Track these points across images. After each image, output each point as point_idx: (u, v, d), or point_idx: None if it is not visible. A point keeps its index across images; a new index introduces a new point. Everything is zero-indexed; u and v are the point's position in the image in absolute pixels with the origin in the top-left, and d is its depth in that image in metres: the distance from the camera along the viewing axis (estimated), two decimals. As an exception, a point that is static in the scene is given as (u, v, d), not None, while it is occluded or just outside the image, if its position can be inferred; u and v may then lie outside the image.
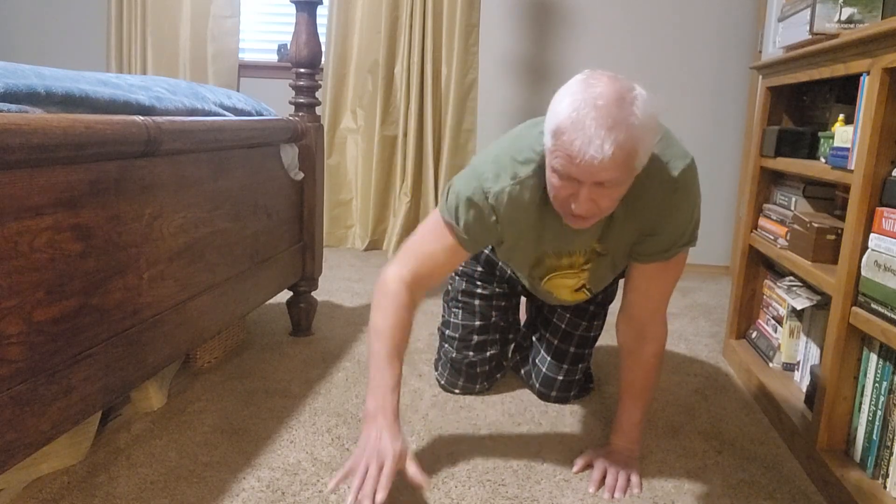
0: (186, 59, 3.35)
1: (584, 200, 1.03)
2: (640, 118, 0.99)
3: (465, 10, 3.06)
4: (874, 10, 1.40)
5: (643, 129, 0.99)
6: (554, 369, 1.59)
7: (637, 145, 0.99)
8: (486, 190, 1.17)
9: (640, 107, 0.99)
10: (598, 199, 1.04)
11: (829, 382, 1.28)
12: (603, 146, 0.96)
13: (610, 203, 1.06)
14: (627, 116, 0.97)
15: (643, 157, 1.03)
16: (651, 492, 1.25)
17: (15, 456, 0.90)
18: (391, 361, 1.19)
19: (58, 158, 0.93)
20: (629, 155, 0.99)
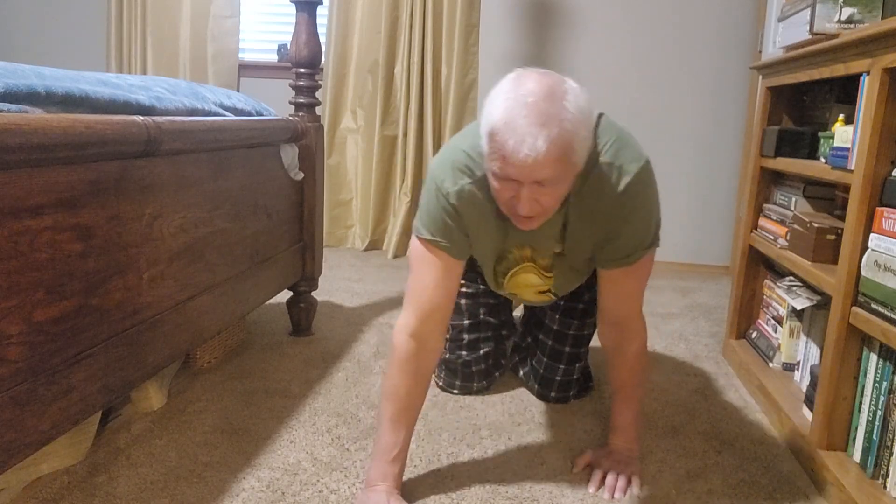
0: (186, 59, 3.35)
1: (526, 200, 1.02)
2: (572, 112, 0.97)
3: (465, 10, 3.06)
4: (874, 10, 1.40)
5: (576, 123, 0.98)
6: (551, 370, 1.59)
7: (571, 139, 0.98)
8: (446, 193, 1.16)
9: (571, 101, 0.98)
10: (540, 198, 1.03)
11: (829, 382, 1.28)
12: (536, 143, 0.95)
13: (552, 201, 1.05)
14: (559, 112, 0.96)
15: (580, 151, 1.01)
16: (651, 492, 1.25)
17: (15, 456, 0.90)
18: (396, 426, 1.18)
19: (58, 158, 0.93)
20: (564, 150, 0.97)
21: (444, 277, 1.20)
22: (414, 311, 1.19)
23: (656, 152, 3.13)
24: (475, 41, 3.10)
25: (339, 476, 1.25)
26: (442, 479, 1.26)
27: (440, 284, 1.19)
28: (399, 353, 1.19)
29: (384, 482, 1.15)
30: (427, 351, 1.20)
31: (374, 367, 1.79)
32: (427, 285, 1.19)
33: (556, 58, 3.14)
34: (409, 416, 1.20)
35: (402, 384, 1.18)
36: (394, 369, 1.19)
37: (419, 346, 1.19)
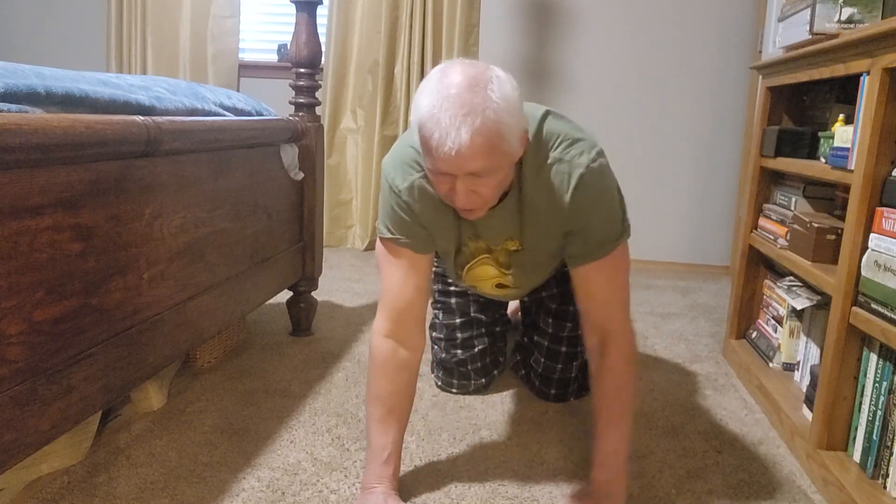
0: (186, 59, 3.35)
1: (463, 193, 1.01)
2: (496, 101, 0.96)
3: (465, 10, 3.06)
4: (874, 10, 1.40)
5: (501, 112, 0.96)
6: (549, 370, 1.60)
7: (499, 128, 0.96)
8: (398, 190, 1.16)
9: (496, 89, 0.96)
10: (477, 189, 1.01)
11: (829, 382, 1.28)
12: (460, 136, 0.93)
13: (490, 191, 1.03)
14: (482, 101, 0.95)
15: (510, 139, 0.99)
16: (651, 492, 1.25)
17: (15, 456, 0.90)
18: (384, 428, 1.17)
19: (58, 158, 0.93)
20: (490, 140, 0.95)
21: (411, 274, 1.19)
22: (386, 311, 1.19)
23: (656, 152, 3.14)
24: (475, 41, 3.10)
25: (339, 476, 1.25)
26: (442, 479, 1.26)
27: (407, 281, 1.19)
28: (377, 356, 1.19)
29: (380, 484, 1.15)
30: (405, 349, 1.20)
31: (374, 367, 1.79)
32: (395, 284, 1.19)
33: (555, 58, 3.14)
34: (396, 417, 1.18)
35: (383, 386, 1.18)
36: (374, 372, 1.19)
37: (396, 345, 1.19)
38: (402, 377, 1.20)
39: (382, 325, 1.20)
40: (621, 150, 3.15)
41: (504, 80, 1.00)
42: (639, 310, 2.46)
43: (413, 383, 1.22)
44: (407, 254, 1.19)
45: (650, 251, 3.21)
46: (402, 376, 1.19)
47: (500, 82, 0.99)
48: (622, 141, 3.15)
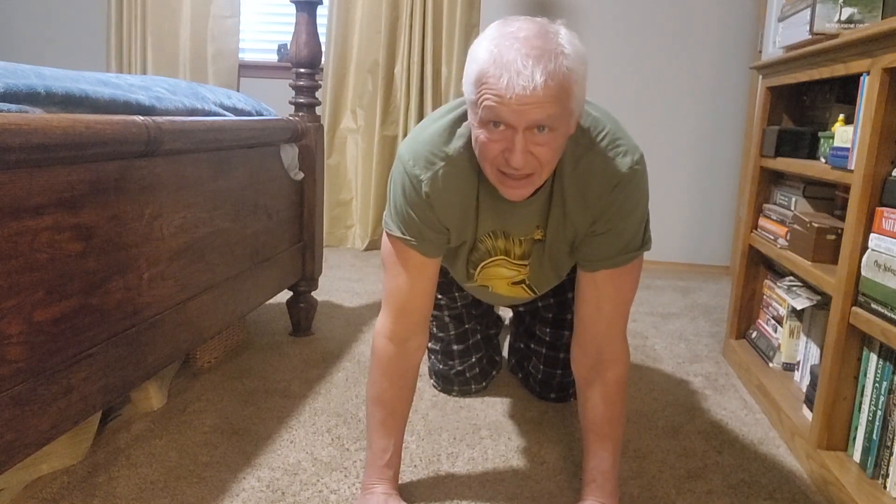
0: (186, 59, 3.35)
1: (521, 150, 0.91)
2: (568, 49, 0.90)
3: (465, 10, 3.06)
4: (874, 10, 1.40)
5: (574, 61, 0.90)
6: (549, 376, 1.59)
7: (570, 77, 0.89)
8: (418, 181, 1.07)
9: (566, 39, 0.91)
10: (536, 150, 0.93)
11: (829, 382, 1.28)
12: (534, 76, 0.86)
13: (548, 154, 0.94)
14: (555, 47, 0.89)
15: (579, 96, 0.93)
16: (651, 492, 1.25)
17: (15, 456, 0.90)
18: (386, 431, 1.15)
19: (58, 158, 0.93)
20: (562, 88, 0.89)
21: (419, 277, 1.13)
22: (391, 313, 1.15)
23: (656, 152, 3.14)
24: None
25: (339, 476, 1.25)
26: (442, 479, 1.26)
27: (415, 285, 1.13)
28: (381, 357, 1.16)
29: (381, 484, 1.14)
30: (409, 351, 1.16)
31: (374, 367, 1.79)
32: (402, 286, 1.14)
33: (556, 58, 3.14)
34: (398, 419, 1.17)
35: (387, 388, 1.15)
36: (377, 374, 1.16)
37: (400, 347, 1.15)
38: (406, 380, 1.17)
39: (386, 326, 1.15)
40: (621, 150, 3.15)
41: (572, 35, 0.93)
42: (639, 310, 2.46)
43: (415, 384, 1.20)
44: (416, 256, 1.12)
45: (650, 251, 3.21)
46: (405, 379, 1.17)
47: (570, 35, 0.93)
48: (622, 141, 3.15)
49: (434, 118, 1.12)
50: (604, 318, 1.13)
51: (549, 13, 3.28)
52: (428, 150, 1.07)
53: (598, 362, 1.14)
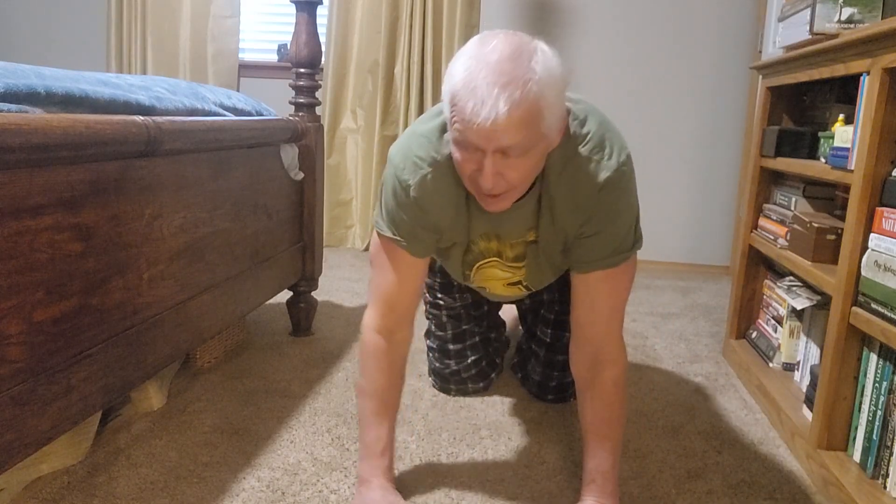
0: (186, 59, 3.35)
1: (489, 173, 0.93)
2: (539, 74, 0.89)
3: (465, 10, 3.06)
4: (874, 10, 1.40)
5: (544, 86, 0.89)
6: (546, 377, 1.58)
7: (539, 103, 0.89)
8: (406, 185, 1.08)
9: (539, 61, 0.90)
10: (505, 172, 0.93)
11: (829, 382, 1.28)
12: (497, 105, 0.86)
13: (519, 176, 0.95)
14: (524, 73, 0.88)
15: (550, 119, 0.92)
16: (651, 492, 1.25)
17: (15, 456, 0.90)
18: (379, 420, 1.17)
19: (58, 158, 0.93)
20: (529, 114, 0.89)
21: (407, 276, 1.16)
22: (379, 308, 1.18)
23: (656, 152, 3.14)
24: (475, 41, 3.09)
25: (339, 476, 1.25)
26: (442, 479, 1.26)
27: (402, 283, 1.16)
28: (370, 350, 1.19)
29: (377, 478, 1.15)
30: (396, 343, 1.19)
31: (374, 367, 1.79)
32: (390, 283, 1.17)
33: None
34: (389, 409, 1.19)
35: (378, 380, 1.18)
36: (368, 366, 1.19)
37: (388, 339, 1.18)
38: (395, 371, 1.20)
39: (375, 320, 1.19)
40: (621, 150, 3.15)
41: (550, 54, 0.92)
42: (639, 310, 2.46)
43: (403, 375, 1.23)
44: (405, 256, 1.14)
45: (650, 251, 3.21)
46: (394, 370, 1.20)
47: (546, 56, 0.92)
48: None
49: (423, 121, 1.12)
50: (599, 320, 1.13)
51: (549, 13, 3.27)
52: (416, 154, 1.08)
53: (595, 363, 1.15)
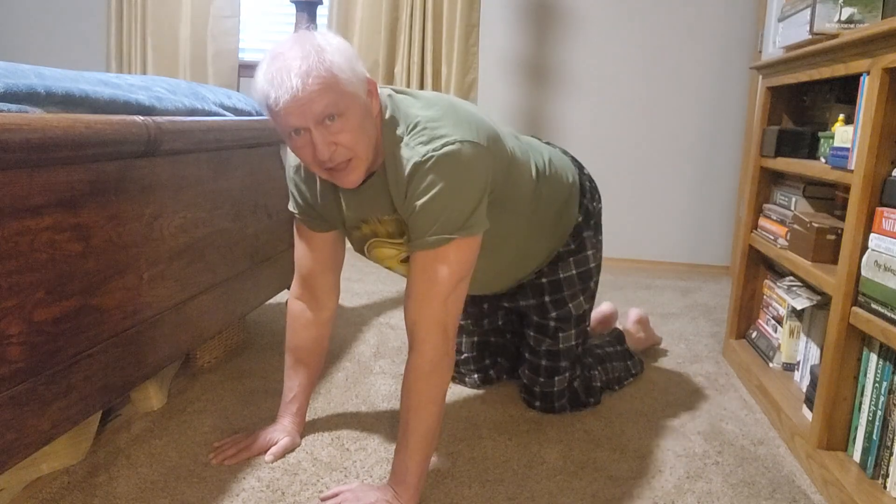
0: (186, 59, 3.35)
1: (321, 144, 1.03)
2: (322, 45, 1.02)
3: (465, 10, 3.06)
4: (874, 10, 1.40)
5: (332, 53, 1.02)
6: (531, 381, 1.56)
7: (330, 67, 1.01)
8: (291, 169, 1.28)
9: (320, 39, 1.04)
10: (336, 138, 1.03)
11: (829, 382, 1.28)
12: (293, 82, 0.99)
13: (351, 137, 1.04)
14: (308, 51, 1.01)
15: (351, 79, 1.03)
16: (651, 492, 1.25)
17: (15, 456, 0.90)
18: (292, 374, 1.38)
19: (58, 158, 0.93)
20: (325, 79, 1.00)
21: (312, 247, 1.32)
22: (297, 278, 1.36)
23: (657, 152, 3.14)
24: (475, 41, 3.10)
25: (339, 476, 1.25)
26: (442, 479, 1.26)
27: (308, 254, 1.32)
28: (289, 314, 1.38)
29: (283, 418, 1.38)
30: (312, 310, 1.36)
31: (374, 367, 1.79)
32: (300, 255, 1.34)
33: (555, 58, 3.14)
34: (303, 365, 1.37)
35: (292, 339, 1.37)
36: (288, 327, 1.38)
37: (304, 306, 1.36)
38: (310, 333, 1.37)
39: (294, 289, 1.37)
40: (621, 149, 3.15)
41: (331, 35, 1.06)
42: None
43: (321, 338, 1.39)
44: (305, 230, 1.31)
45: (650, 251, 3.21)
46: (308, 332, 1.36)
47: (327, 36, 1.05)
48: (622, 141, 3.15)
49: None
50: (411, 304, 1.14)
51: (549, 13, 3.27)
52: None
53: (411, 342, 1.15)
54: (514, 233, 1.35)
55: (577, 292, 1.50)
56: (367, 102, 1.08)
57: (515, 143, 1.33)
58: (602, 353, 1.70)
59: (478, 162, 1.12)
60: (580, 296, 1.51)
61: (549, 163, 1.42)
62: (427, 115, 1.13)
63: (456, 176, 1.09)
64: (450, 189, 1.09)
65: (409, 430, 1.13)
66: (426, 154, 1.09)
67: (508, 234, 1.34)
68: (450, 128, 1.11)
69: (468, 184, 1.11)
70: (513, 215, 1.31)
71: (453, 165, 1.09)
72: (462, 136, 1.10)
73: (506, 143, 1.26)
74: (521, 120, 3.21)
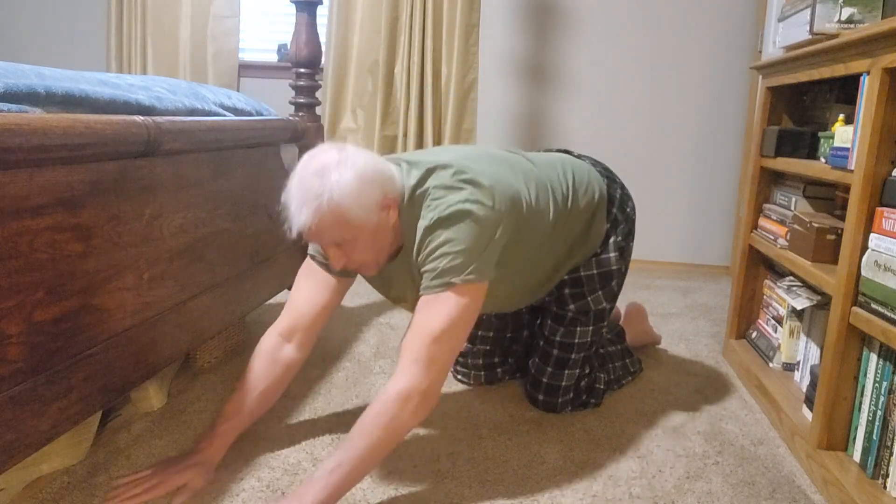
0: (186, 59, 3.35)
1: (334, 259, 1.18)
2: (336, 183, 1.11)
3: (465, 10, 3.06)
4: (874, 10, 1.40)
5: (342, 192, 1.11)
6: (539, 371, 1.56)
7: (338, 209, 1.11)
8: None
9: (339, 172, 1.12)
10: (348, 255, 1.18)
11: (829, 382, 1.28)
12: (300, 220, 1.11)
13: (360, 255, 1.18)
14: (319, 187, 1.10)
15: (358, 214, 1.13)
16: (651, 492, 1.25)
17: (15, 456, 0.90)
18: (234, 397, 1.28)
19: (58, 158, 0.93)
20: (332, 219, 1.11)
21: (320, 288, 1.32)
22: (288, 315, 1.33)
23: (657, 152, 3.14)
24: (475, 41, 3.10)
25: (339, 476, 1.25)
26: (442, 479, 1.26)
27: (312, 295, 1.32)
28: (261, 343, 1.33)
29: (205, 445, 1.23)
30: (288, 351, 1.32)
31: (374, 367, 1.79)
32: (304, 294, 1.33)
33: (555, 58, 3.14)
34: (248, 395, 1.28)
35: (252, 367, 1.30)
36: (255, 357, 1.32)
37: (282, 342, 1.32)
38: (275, 369, 1.30)
39: (280, 322, 1.33)
40: (621, 150, 3.15)
41: (350, 164, 1.14)
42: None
43: (282, 379, 1.32)
44: (318, 271, 1.32)
45: (650, 251, 3.21)
46: (274, 368, 1.30)
47: (345, 167, 1.13)
48: (622, 141, 3.15)
49: None
50: (409, 333, 1.17)
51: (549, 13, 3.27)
52: None
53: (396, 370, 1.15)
54: (537, 261, 1.40)
55: (597, 289, 1.51)
56: (382, 219, 1.17)
57: (535, 178, 1.36)
58: (604, 353, 1.70)
59: (483, 219, 1.18)
60: (599, 292, 1.52)
61: (571, 188, 1.43)
62: (442, 178, 1.21)
63: (459, 228, 1.17)
64: (453, 239, 1.16)
65: (348, 444, 1.08)
66: (433, 218, 1.18)
67: (531, 264, 1.39)
68: (461, 193, 1.19)
69: (470, 235, 1.17)
70: (533, 248, 1.36)
71: (457, 220, 1.17)
72: (468, 198, 1.18)
73: (524, 194, 1.31)
74: (520, 120, 3.21)
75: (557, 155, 1.54)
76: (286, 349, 1.32)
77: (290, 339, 1.32)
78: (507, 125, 3.23)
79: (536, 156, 1.49)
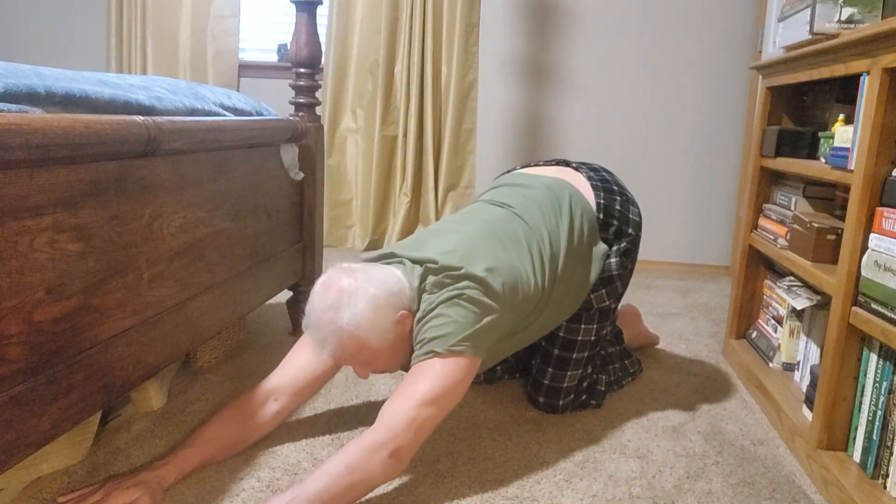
0: (186, 59, 3.36)
1: (356, 370, 1.27)
2: (352, 320, 1.19)
3: (465, 10, 3.06)
4: (874, 10, 1.40)
5: (357, 323, 1.19)
6: (540, 373, 1.56)
7: (353, 338, 1.20)
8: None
9: (352, 305, 1.19)
10: (371, 367, 1.27)
11: (829, 382, 1.28)
12: (323, 349, 1.22)
13: (382, 366, 1.27)
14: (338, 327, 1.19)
15: (373, 338, 1.21)
16: (651, 492, 1.25)
17: (15, 456, 0.90)
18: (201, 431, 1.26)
19: (58, 158, 0.93)
20: (351, 347, 1.21)
21: (316, 366, 1.34)
22: (281, 374, 1.35)
23: (656, 152, 3.14)
24: (475, 41, 3.10)
25: (339, 476, 1.25)
26: (442, 479, 1.26)
27: (309, 368, 1.34)
28: (249, 392, 1.33)
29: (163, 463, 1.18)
30: (271, 406, 1.32)
31: (374, 367, 1.79)
32: (298, 362, 1.35)
33: (556, 58, 3.14)
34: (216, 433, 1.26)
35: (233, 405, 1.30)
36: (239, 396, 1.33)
37: (268, 396, 1.32)
38: (251, 419, 1.30)
39: (271, 379, 1.34)
40: (621, 149, 3.16)
41: (362, 293, 1.20)
42: (639, 310, 2.46)
43: (255, 430, 1.31)
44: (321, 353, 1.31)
45: (650, 251, 3.21)
46: (251, 417, 1.30)
47: (358, 298, 1.20)
48: (622, 141, 3.15)
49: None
50: (392, 398, 1.18)
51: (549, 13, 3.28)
52: None
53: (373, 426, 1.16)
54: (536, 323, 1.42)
55: (598, 287, 1.51)
56: (398, 332, 1.24)
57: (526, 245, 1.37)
58: (605, 355, 1.70)
59: (476, 302, 1.23)
60: (601, 289, 1.51)
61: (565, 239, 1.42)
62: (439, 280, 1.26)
63: (449, 307, 1.23)
64: (441, 315, 1.22)
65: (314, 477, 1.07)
66: (425, 310, 1.24)
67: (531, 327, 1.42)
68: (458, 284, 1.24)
69: (459, 314, 1.22)
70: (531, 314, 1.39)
71: (449, 302, 1.23)
72: (464, 287, 1.24)
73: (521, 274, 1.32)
74: (520, 120, 3.21)
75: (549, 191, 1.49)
76: (269, 405, 1.33)
77: (277, 399, 1.33)
78: (507, 125, 3.23)
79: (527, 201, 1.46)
